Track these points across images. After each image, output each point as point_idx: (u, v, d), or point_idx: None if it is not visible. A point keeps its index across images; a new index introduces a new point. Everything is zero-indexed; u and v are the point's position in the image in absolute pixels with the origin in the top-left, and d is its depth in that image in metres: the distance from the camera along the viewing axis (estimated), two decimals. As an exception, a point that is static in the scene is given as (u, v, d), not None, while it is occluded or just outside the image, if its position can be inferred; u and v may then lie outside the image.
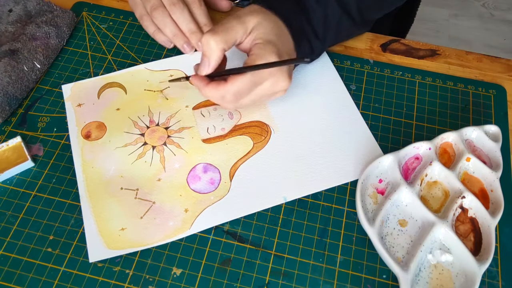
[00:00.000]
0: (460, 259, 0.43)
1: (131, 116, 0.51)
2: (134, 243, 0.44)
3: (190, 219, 0.45)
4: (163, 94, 0.53)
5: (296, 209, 0.47)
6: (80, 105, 0.52)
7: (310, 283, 0.43)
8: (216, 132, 0.51)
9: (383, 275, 0.43)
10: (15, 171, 0.47)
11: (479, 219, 0.45)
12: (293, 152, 0.49)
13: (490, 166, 0.48)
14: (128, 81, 0.54)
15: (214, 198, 0.46)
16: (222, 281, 0.43)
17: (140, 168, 0.48)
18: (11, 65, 0.51)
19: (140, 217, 0.45)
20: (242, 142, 0.50)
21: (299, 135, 0.50)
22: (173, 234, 0.44)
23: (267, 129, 0.51)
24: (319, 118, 0.52)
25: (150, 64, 0.55)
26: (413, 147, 0.48)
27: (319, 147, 0.50)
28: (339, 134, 0.51)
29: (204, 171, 0.48)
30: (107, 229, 0.44)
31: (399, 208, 0.46)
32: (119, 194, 0.46)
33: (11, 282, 0.42)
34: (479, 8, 1.68)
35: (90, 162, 0.48)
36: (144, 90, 0.53)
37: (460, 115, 0.53)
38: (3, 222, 0.45)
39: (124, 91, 0.53)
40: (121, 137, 0.50)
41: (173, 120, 0.51)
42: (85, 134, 0.50)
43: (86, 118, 0.51)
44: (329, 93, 0.53)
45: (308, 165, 0.49)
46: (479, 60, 0.58)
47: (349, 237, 0.45)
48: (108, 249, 0.43)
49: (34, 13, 0.57)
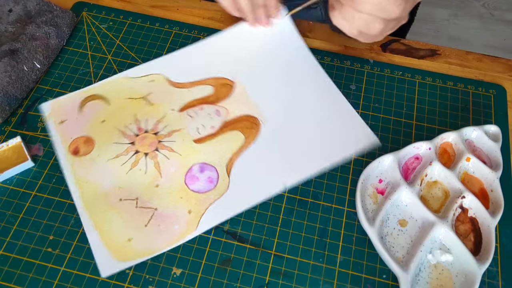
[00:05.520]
0: (460, 259, 0.43)
1: (118, 126, 0.50)
2: (144, 252, 0.43)
3: (195, 220, 0.45)
4: (147, 100, 0.52)
5: (296, 209, 0.47)
6: (62, 121, 0.50)
7: (310, 283, 0.43)
8: (206, 131, 0.50)
9: (383, 275, 0.43)
10: (15, 171, 0.47)
11: (479, 219, 0.45)
12: (284, 140, 0.50)
13: (490, 166, 0.48)
14: (109, 92, 0.53)
15: (215, 196, 0.46)
16: (222, 281, 0.43)
17: (136, 177, 0.47)
18: (11, 65, 0.51)
19: (144, 225, 0.45)
20: (233, 138, 0.50)
21: (287, 124, 0.51)
22: (180, 237, 0.44)
23: (256, 121, 0.51)
24: (304, 106, 0.53)
25: (129, 71, 0.54)
26: (413, 147, 0.48)
27: (308, 132, 0.51)
28: (325, 116, 0.52)
29: (200, 171, 0.48)
30: (113, 242, 0.44)
31: (399, 208, 0.46)
32: (119, 206, 0.46)
33: (11, 282, 0.42)
34: (479, 8, 1.68)
35: (83, 177, 0.47)
36: (127, 99, 0.52)
37: (460, 115, 0.53)
38: (3, 222, 0.45)
39: (107, 102, 0.52)
40: (111, 149, 0.49)
41: (161, 125, 0.51)
42: (73, 150, 0.48)
43: (71, 134, 0.50)
44: (311, 82, 0.54)
45: (301, 149, 0.49)
46: (479, 60, 0.58)
47: (349, 237, 0.45)
48: (118, 261, 0.43)
49: (34, 13, 0.57)
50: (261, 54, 0.56)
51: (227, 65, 0.55)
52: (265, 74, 0.55)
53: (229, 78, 0.54)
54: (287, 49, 0.56)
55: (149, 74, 0.54)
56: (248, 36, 0.57)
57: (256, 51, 0.56)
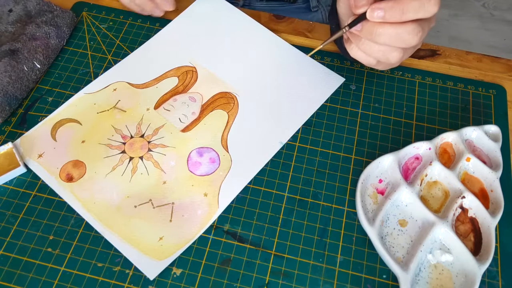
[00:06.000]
0: (460, 259, 0.43)
1: (101, 142, 0.49)
2: (179, 244, 0.44)
3: (214, 199, 0.46)
4: (118, 108, 0.52)
5: (296, 209, 0.47)
6: (41, 155, 0.48)
7: (310, 283, 0.43)
8: (189, 118, 0.51)
9: (383, 275, 0.43)
10: (7, 178, 0.47)
11: (479, 219, 0.45)
12: (263, 104, 0.53)
13: (490, 166, 0.48)
14: (76, 112, 0.51)
15: (223, 172, 0.48)
16: (222, 281, 0.43)
17: (141, 181, 0.47)
18: (11, 65, 0.51)
19: (169, 220, 0.45)
20: (217, 116, 0.52)
21: (260, 89, 0.54)
22: (207, 219, 0.45)
23: (231, 95, 0.53)
24: (268, 68, 0.55)
25: (87, 88, 0.53)
26: (413, 147, 0.48)
27: (281, 90, 0.54)
28: (290, 72, 0.55)
29: (200, 155, 0.49)
30: (146, 246, 0.44)
31: (399, 208, 0.46)
32: (136, 212, 0.45)
33: (11, 282, 0.42)
34: (479, 8, 1.68)
35: (89, 199, 0.46)
36: (98, 113, 0.52)
37: (460, 115, 0.53)
38: (3, 222, 0.45)
39: (78, 123, 0.51)
40: (104, 164, 0.48)
41: (143, 127, 0.51)
42: (66, 177, 0.47)
43: (56, 164, 0.48)
44: (262, 44, 0.57)
45: (282, 107, 0.52)
46: (479, 60, 0.58)
47: (349, 237, 0.45)
48: (160, 261, 0.43)
49: (34, 13, 0.57)
50: (209, 34, 0.58)
51: (182, 52, 0.56)
52: (219, 50, 0.57)
53: (189, 65, 0.55)
54: (230, 22, 0.59)
55: (109, 85, 0.54)
56: (192, 22, 0.59)
57: (204, 32, 0.58)
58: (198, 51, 0.57)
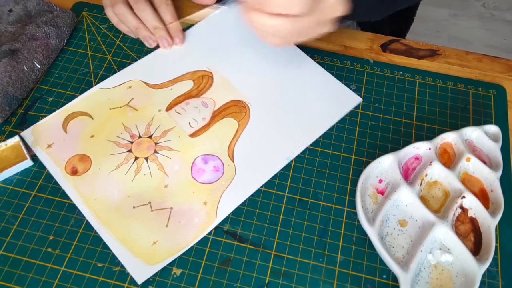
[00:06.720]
0: (460, 259, 0.43)
1: (109, 138, 0.50)
2: (172, 250, 0.43)
3: (213, 209, 0.46)
4: (130, 107, 0.52)
5: (296, 209, 0.47)
6: (50, 145, 0.49)
7: (310, 283, 0.43)
8: (198, 124, 0.51)
9: (383, 275, 0.43)
10: (14, 171, 0.47)
11: (479, 219, 0.45)
12: (275, 116, 0.52)
13: (490, 166, 0.48)
14: (89, 106, 0.52)
15: (226, 182, 0.47)
16: (222, 281, 0.43)
17: (143, 182, 0.47)
18: (11, 65, 0.51)
19: (165, 225, 0.45)
20: (227, 124, 0.51)
21: (274, 101, 0.53)
22: (203, 228, 0.45)
23: (243, 105, 0.52)
24: (285, 81, 0.54)
25: (103, 83, 0.54)
26: (413, 147, 0.48)
27: (295, 104, 0.53)
28: (307, 87, 0.54)
29: (205, 162, 0.48)
30: (139, 249, 0.44)
31: (399, 208, 0.46)
32: (134, 213, 0.45)
33: (11, 282, 0.42)
34: (479, 8, 1.68)
35: (90, 195, 0.46)
36: (110, 109, 0.52)
37: (460, 115, 0.53)
38: (3, 222, 0.45)
39: (90, 117, 0.51)
40: (109, 161, 0.48)
41: (152, 127, 0.51)
42: (71, 171, 0.47)
43: (63, 156, 0.48)
44: (283, 56, 0.56)
45: (294, 121, 0.51)
46: (479, 60, 0.58)
47: (349, 237, 0.45)
48: (150, 265, 0.43)
49: (34, 13, 0.57)
50: (230, 41, 0.57)
51: (201, 57, 0.56)
52: (238, 59, 0.56)
53: (205, 70, 0.55)
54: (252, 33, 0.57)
55: (125, 82, 0.54)
56: (213, 28, 0.58)
57: (225, 39, 0.58)
58: (217, 57, 0.56)
